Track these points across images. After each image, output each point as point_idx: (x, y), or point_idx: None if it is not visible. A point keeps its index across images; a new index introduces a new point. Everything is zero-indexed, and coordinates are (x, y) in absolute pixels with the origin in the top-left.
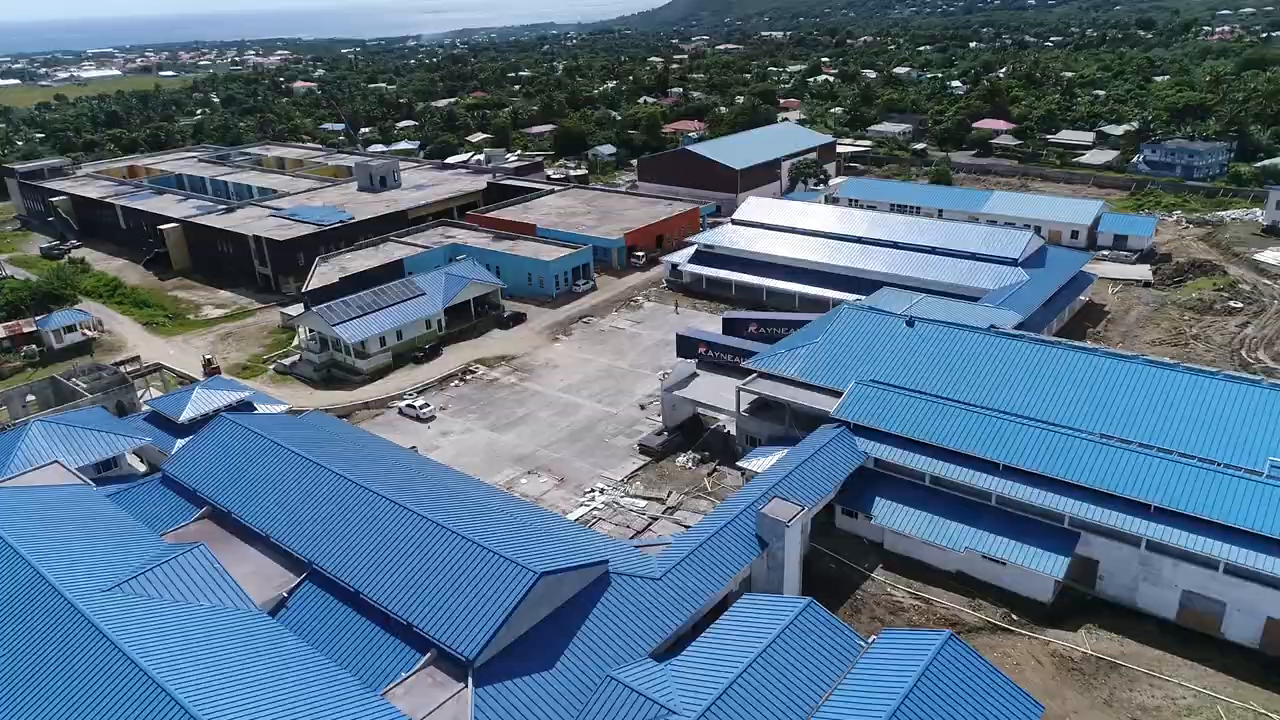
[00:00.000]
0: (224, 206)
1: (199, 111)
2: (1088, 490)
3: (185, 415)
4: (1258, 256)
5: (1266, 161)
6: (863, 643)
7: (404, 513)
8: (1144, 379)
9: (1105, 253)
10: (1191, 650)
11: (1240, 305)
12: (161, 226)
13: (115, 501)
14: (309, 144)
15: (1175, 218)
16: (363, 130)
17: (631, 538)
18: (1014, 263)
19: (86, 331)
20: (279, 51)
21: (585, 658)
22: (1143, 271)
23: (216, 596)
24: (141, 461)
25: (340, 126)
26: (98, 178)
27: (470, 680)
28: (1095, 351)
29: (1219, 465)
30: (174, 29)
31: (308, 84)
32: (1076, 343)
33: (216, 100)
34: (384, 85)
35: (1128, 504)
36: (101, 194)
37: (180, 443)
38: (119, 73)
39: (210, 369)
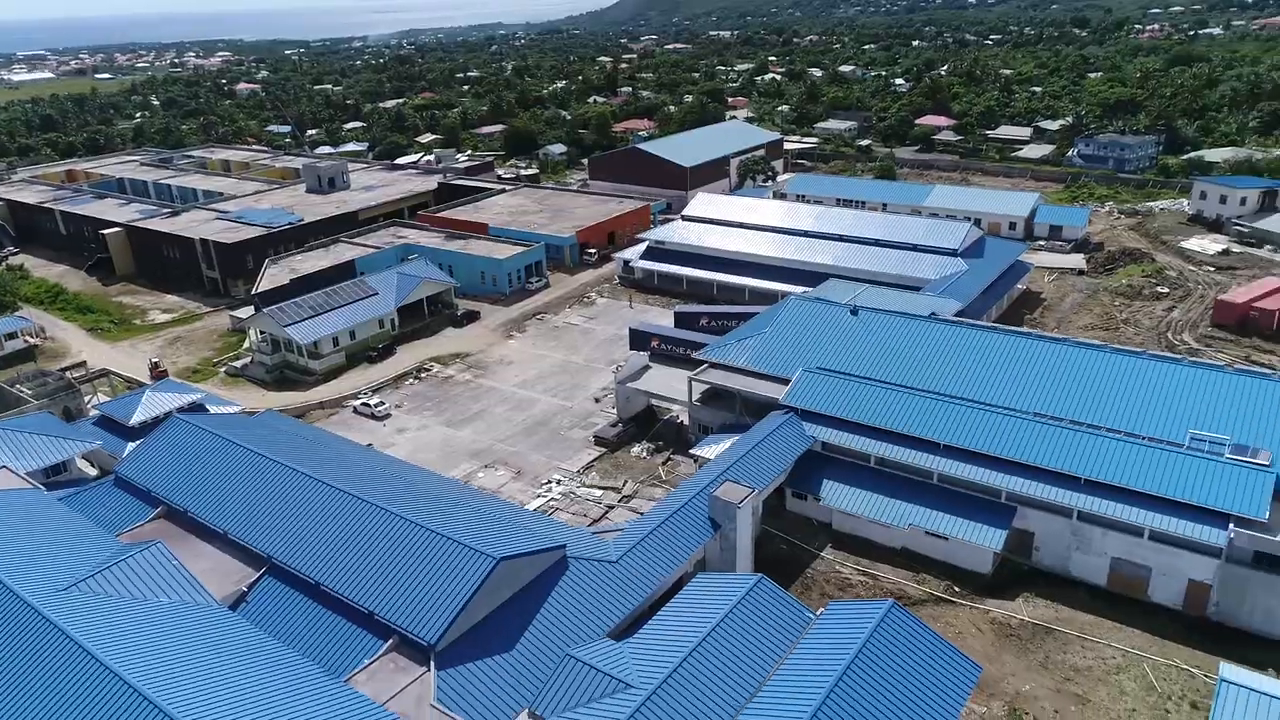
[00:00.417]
0: (168, 210)
1: (138, 114)
2: (1023, 466)
3: (136, 418)
4: (1184, 244)
5: (1193, 154)
6: (812, 615)
7: (362, 504)
8: (1074, 360)
9: (1041, 243)
10: (1121, 613)
11: (1166, 290)
12: (104, 231)
13: (67, 505)
14: (254, 146)
15: (1108, 209)
16: (309, 132)
17: (589, 525)
18: (954, 253)
19: (28, 339)
20: (219, 53)
21: (544, 639)
22: (1077, 260)
23: (175, 592)
24: (92, 466)
25: (286, 128)
26: (34, 183)
27: (432, 664)
28: (1029, 335)
29: (1144, 439)
30: (108, 31)
31: (251, 86)
32: (1012, 328)
33: (156, 103)
34: (330, 86)
35: (1060, 478)
36: (39, 199)
37: (131, 446)
38: (52, 75)
39: (158, 372)
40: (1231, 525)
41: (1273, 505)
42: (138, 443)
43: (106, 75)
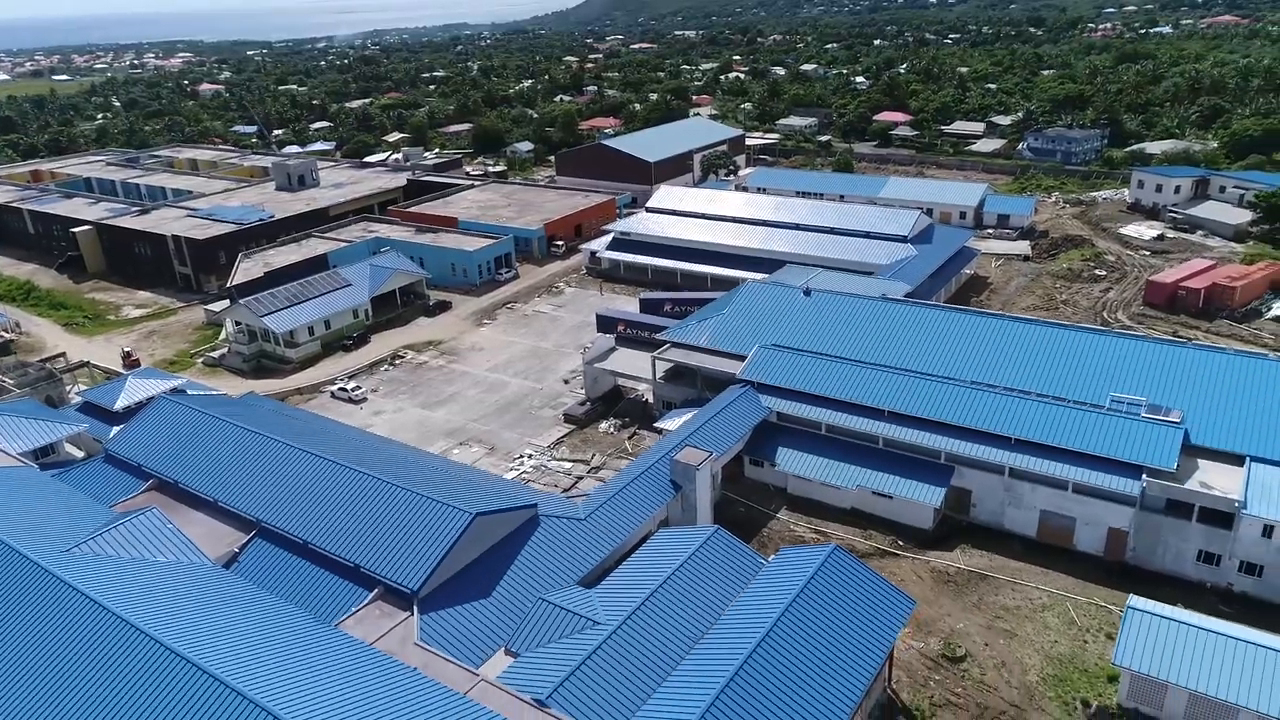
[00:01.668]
0: (138, 208)
1: (100, 116)
2: (960, 429)
3: (120, 403)
4: (1122, 230)
5: (1135, 146)
6: (764, 561)
7: (346, 470)
8: (1009, 333)
9: (989, 231)
10: (1049, 561)
11: (1104, 273)
12: (75, 230)
13: (61, 480)
14: (222, 146)
15: (1054, 198)
16: (276, 132)
17: (560, 494)
18: (904, 239)
19: (4, 333)
20: (180, 54)
21: (519, 587)
22: (1022, 247)
23: (171, 553)
24: (79, 450)
25: (253, 128)
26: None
27: (415, 609)
28: (968, 312)
29: (1069, 402)
30: (62, 32)
31: (214, 86)
32: (952, 305)
33: (118, 104)
34: (294, 87)
35: (993, 439)
36: (6, 199)
37: (116, 429)
38: (7, 77)
39: (130, 361)
40: (1144, 476)
41: (1183, 458)
42: (123, 426)
43: (65, 76)
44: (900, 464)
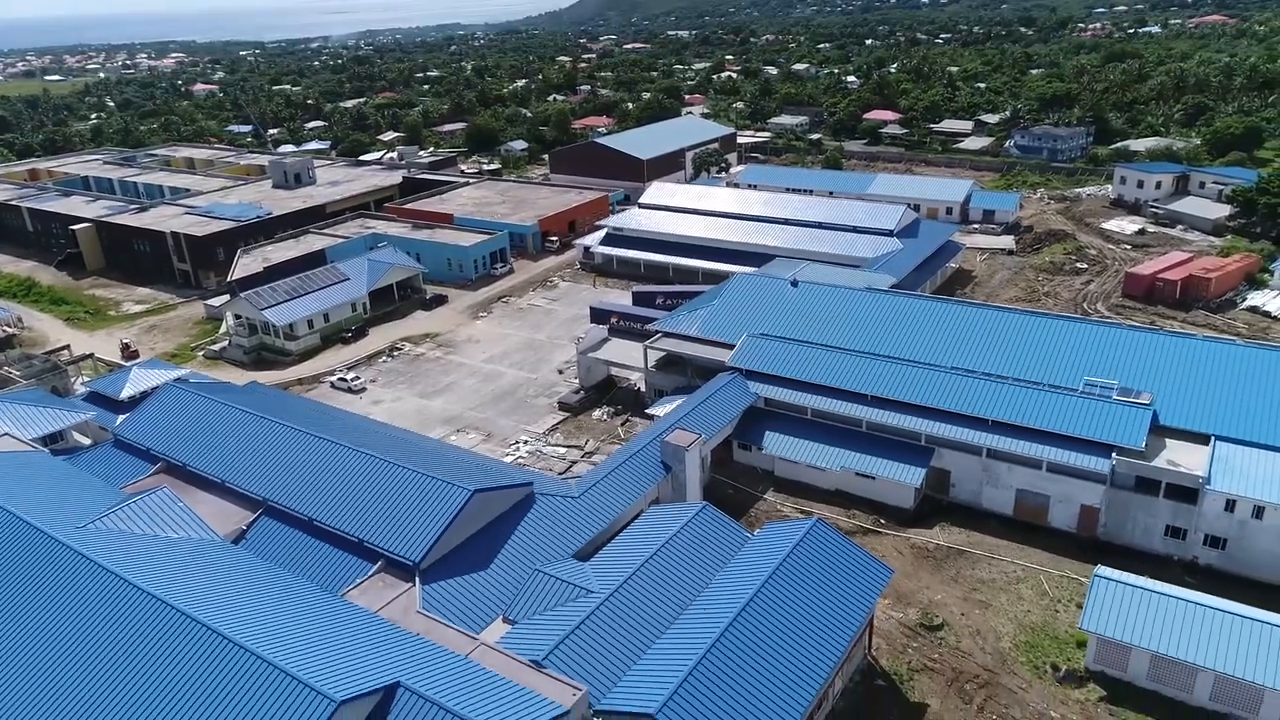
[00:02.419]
0: (137, 206)
1: (94, 116)
2: (940, 412)
3: (125, 393)
4: (1104, 225)
5: (1119, 144)
6: (749, 535)
7: (350, 452)
8: (988, 321)
9: (975, 226)
10: (1024, 538)
11: (1085, 266)
12: (74, 227)
13: (71, 463)
14: (218, 145)
15: (1039, 195)
16: (271, 131)
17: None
18: (889, 233)
19: (6, 328)
20: (172, 54)
21: (516, 560)
22: (1007, 241)
23: (182, 530)
24: (85, 437)
25: (248, 128)
26: None
27: (417, 580)
28: (949, 301)
29: (1044, 385)
30: (53, 32)
31: (208, 86)
32: (934, 295)
33: (111, 104)
34: (288, 87)
35: (972, 421)
36: (4, 197)
37: (122, 418)
38: None
39: (129, 353)
40: (1114, 455)
41: (1152, 438)
42: (131, 412)
43: (57, 77)
44: (882, 446)
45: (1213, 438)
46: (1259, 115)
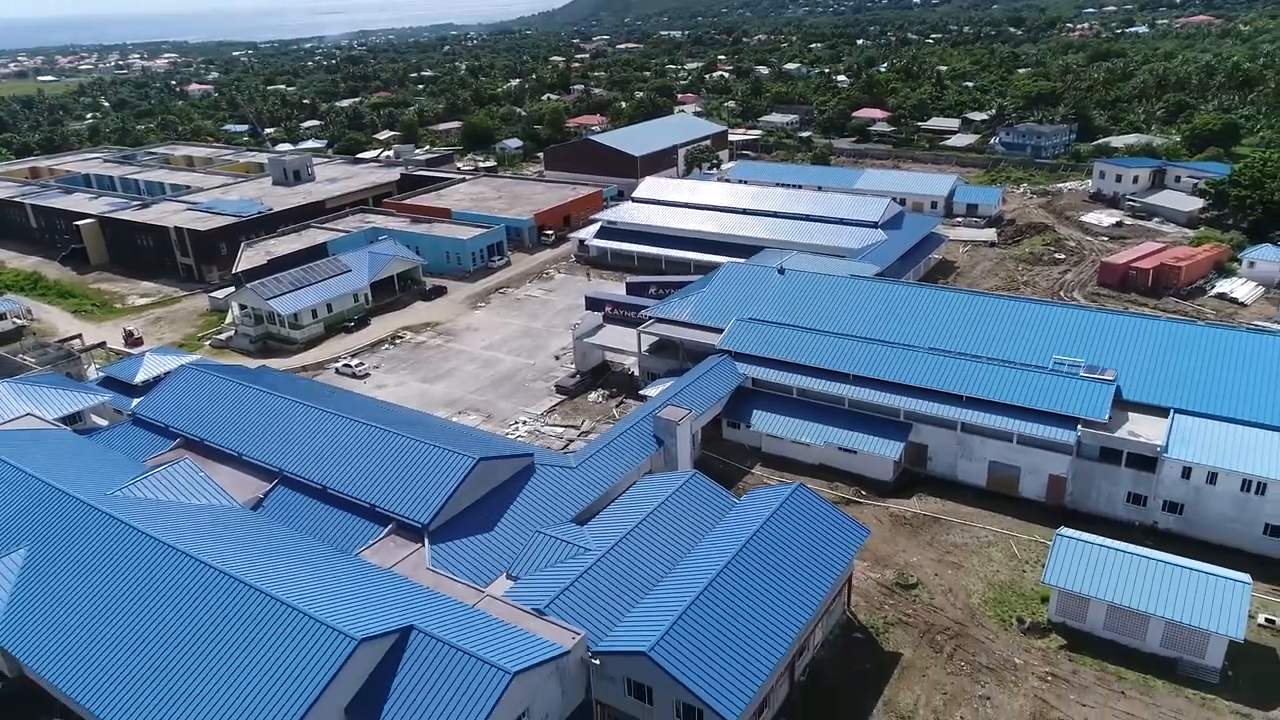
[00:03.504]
0: (139, 202)
1: (89, 115)
2: (917, 390)
3: (139, 377)
4: (1083, 218)
5: (1100, 141)
6: (736, 501)
7: (361, 426)
8: (965, 305)
9: (959, 220)
10: (997, 506)
11: (1063, 257)
12: (78, 223)
13: (92, 440)
14: (215, 144)
15: (1022, 190)
16: (268, 130)
17: None
18: (874, 225)
19: (16, 319)
20: (165, 55)
21: (518, 524)
22: (989, 234)
23: (203, 498)
24: (102, 419)
25: (244, 127)
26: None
27: (426, 541)
28: (927, 286)
29: (1016, 364)
30: (45, 33)
31: (203, 86)
32: (913, 282)
33: (107, 104)
34: (283, 87)
35: (947, 397)
36: (8, 194)
37: (136, 401)
38: None
39: (132, 340)
40: (1080, 427)
41: (1115, 412)
42: (149, 393)
43: (50, 77)
44: (863, 422)
45: (1171, 410)
46: (1237, 112)
